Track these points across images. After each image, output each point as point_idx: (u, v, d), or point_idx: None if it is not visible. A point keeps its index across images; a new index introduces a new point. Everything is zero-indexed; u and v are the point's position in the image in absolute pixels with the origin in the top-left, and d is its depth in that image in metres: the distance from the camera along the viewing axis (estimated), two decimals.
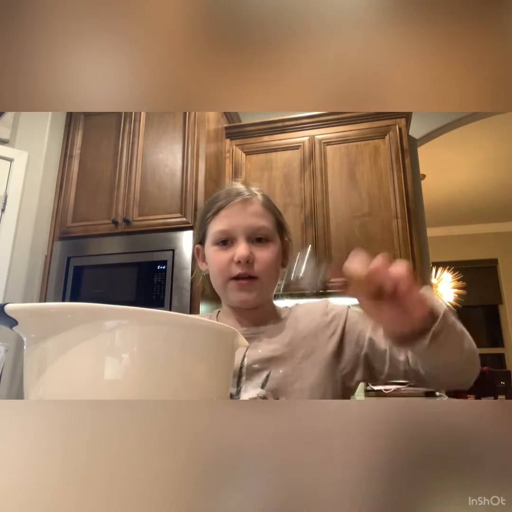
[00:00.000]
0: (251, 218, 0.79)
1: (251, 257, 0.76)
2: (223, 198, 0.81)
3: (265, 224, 0.80)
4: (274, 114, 2.60)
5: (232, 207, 0.79)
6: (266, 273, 0.78)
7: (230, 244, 0.78)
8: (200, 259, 0.88)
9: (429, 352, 0.56)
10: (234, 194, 0.81)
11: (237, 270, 0.76)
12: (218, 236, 0.79)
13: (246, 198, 0.80)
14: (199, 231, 0.86)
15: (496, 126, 3.45)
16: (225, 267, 0.77)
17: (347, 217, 2.31)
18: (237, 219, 0.78)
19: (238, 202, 0.79)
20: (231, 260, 0.77)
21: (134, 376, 0.33)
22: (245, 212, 0.79)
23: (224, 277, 0.78)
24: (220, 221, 0.79)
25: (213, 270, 0.80)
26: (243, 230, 0.78)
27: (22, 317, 0.34)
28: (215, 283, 0.82)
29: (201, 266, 0.87)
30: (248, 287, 0.77)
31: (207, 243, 0.82)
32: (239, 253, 0.75)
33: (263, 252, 0.78)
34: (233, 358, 0.43)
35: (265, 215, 0.81)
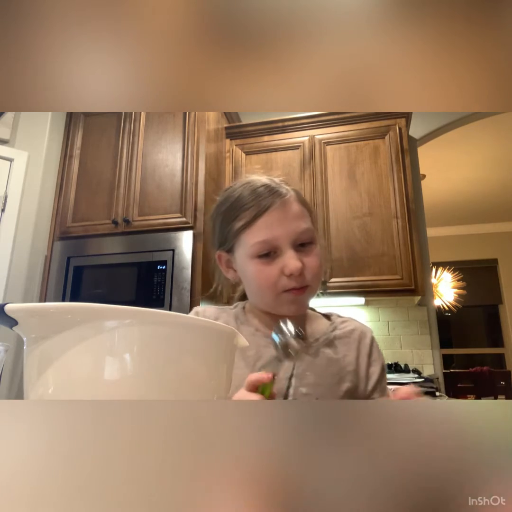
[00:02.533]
0: (293, 223, 0.70)
1: (303, 267, 0.68)
2: (253, 202, 0.71)
3: (307, 226, 0.72)
4: (274, 114, 2.60)
5: (271, 214, 0.69)
6: (317, 279, 0.72)
7: (274, 254, 0.70)
8: (224, 266, 0.79)
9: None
10: (266, 195, 0.71)
11: (290, 283, 0.69)
12: (259, 248, 0.69)
13: (284, 200, 0.71)
14: (221, 237, 0.76)
15: (496, 126, 3.45)
16: (274, 282, 0.69)
17: (347, 217, 2.31)
18: (279, 227, 0.69)
19: (277, 207, 0.70)
20: (281, 274, 0.69)
21: (134, 376, 0.33)
22: (285, 216, 0.70)
23: (274, 292, 0.70)
24: (258, 232, 0.69)
25: (257, 284, 0.72)
26: (287, 238, 0.69)
27: (22, 317, 0.34)
28: (261, 298, 0.75)
29: (227, 274, 0.79)
30: (301, 297, 0.71)
31: (240, 254, 0.73)
32: (292, 267, 0.67)
33: (310, 258, 0.71)
34: (233, 358, 0.43)
35: (304, 214, 0.73)
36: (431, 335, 2.43)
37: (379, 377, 0.76)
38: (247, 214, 0.71)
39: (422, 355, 2.42)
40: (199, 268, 2.06)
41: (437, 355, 2.42)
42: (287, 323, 0.55)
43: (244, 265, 0.73)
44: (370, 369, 0.76)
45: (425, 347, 2.43)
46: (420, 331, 2.45)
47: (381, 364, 0.78)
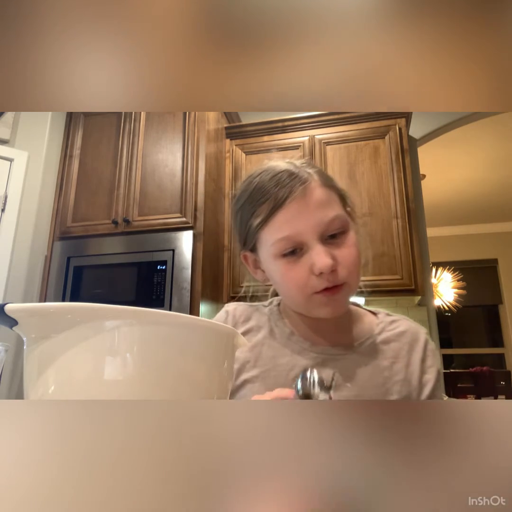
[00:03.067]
0: (317, 212, 0.60)
1: (334, 263, 0.59)
2: (269, 194, 0.61)
3: (336, 213, 0.61)
4: (274, 114, 2.60)
5: (290, 206, 0.60)
6: (355, 274, 0.62)
7: (300, 251, 0.61)
8: (252, 267, 0.70)
9: None
10: (283, 183, 0.61)
11: (321, 283, 0.60)
12: (280, 247, 0.61)
13: (306, 186, 0.61)
14: (241, 236, 0.68)
15: (496, 126, 3.45)
16: (304, 283, 0.61)
17: None
18: (301, 220, 0.60)
19: (297, 196, 0.60)
20: (310, 273, 0.60)
21: (134, 376, 0.33)
22: (307, 206, 0.60)
23: (305, 294, 0.62)
24: (278, 228, 0.61)
25: (285, 287, 0.64)
26: (312, 231, 0.60)
27: (22, 317, 0.34)
28: (291, 301, 0.67)
29: (256, 275, 0.71)
30: (337, 297, 0.62)
31: (263, 254, 0.65)
32: (320, 264, 0.58)
33: (344, 250, 0.61)
34: (233, 358, 0.43)
35: (331, 200, 0.63)
36: (431, 335, 2.42)
37: (434, 386, 0.67)
38: (263, 208, 0.62)
39: None
40: (199, 268, 2.06)
41: (437, 355, 2.42)
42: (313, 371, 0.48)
43: (268, 266, 0.65)
44: (424, 377, 0.67)
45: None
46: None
47: (436, 371, 0.68)
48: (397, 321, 0.73)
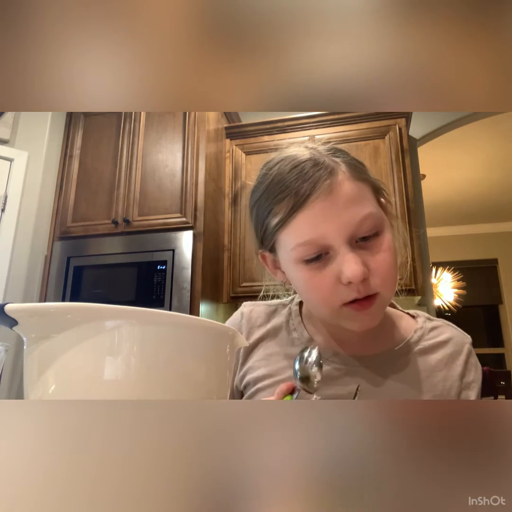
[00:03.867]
0: (346, 211, 0.51)
1: (366, 271, 0.51)
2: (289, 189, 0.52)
3: (368, 211, 0.52)
4: (274, 114, 2.60)
5: (314, 205, 0.51)
6: (388, 282, 0.55)
7: (325, 256, 0.52)
8: (271, 267, 0.62)
9: None
10: (306, 176, 0.51)
11: (350, 294, 0.52)
12: (303, 252, 0.52)
13: (333, 180, 0.51)
14: (258, 235, 0.59)
15: (496, 126, 3.45)
16: (330, 293, 0.52)
17: None
18: (327, 221, 0.51)
19: (322, 193, 0.50)
20: (337, 282, 0.52)
21: (134, 376, 0.33)
22: (335, 204, 0.51)
23: (331, 306, 0.54)
24: (298, 231, 0.52)
25: (309, 296, 0.56)
26: (340, 234, 0.51)
27: (22, 317, 0.34)
28: (316, 310, 0.59)
29: (276, 276, 0.62)
30: (369, 311, 0.53)
31: (282, 257, 0.57)
32: (349, 273, 0.50)
33: (378, 256, 0.53)
34: (233, 358, 0.43)
35: (363, 194, 0.53)
36: None
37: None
38: (282, 206, 0.53)
39: None
40: (199, 268, 2.06)
41: None
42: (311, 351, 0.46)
43: (289, 270, 0.57)
44: (464, 393, 0.59)
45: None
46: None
47: (478, 387, 0.60)
48: (439, 327, 0.65)
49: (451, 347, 0.62)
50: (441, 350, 0.62)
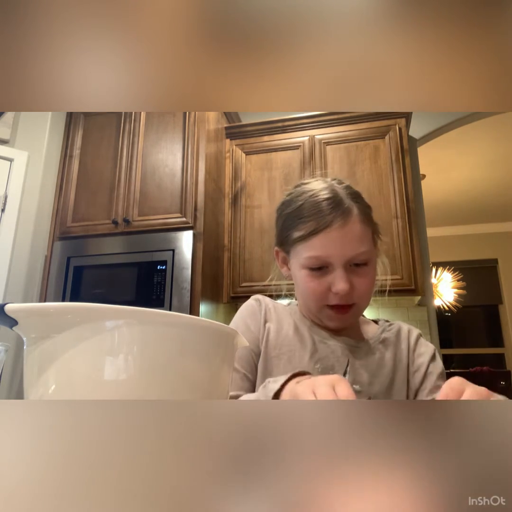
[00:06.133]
0: (351, 245, 0.69)
1: (350, 289, 0.69)
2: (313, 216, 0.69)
3: (365, 249, 0.70)
4: (274, 114, 2.60)
5: (329, 233, 0.68)
6: (365, 299, 0.73)
7: (325, 269, 0.70)
8: (280, 262, 0.80)
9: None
10: (327, 212, 0.69)
11: (334, 300, 0.70)
12: (311, 262, 0.70)
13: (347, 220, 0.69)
14: (280, 238, 0.78)
15: (496, 126, 3.45)
16: (320, 295, 0.71)
17: None
18: (335, 247, 0.68)
19: (337, 226, 0.68)
20: (328, 289, 0.70)
21: (134, 376, 0.33)
22: (344, 237, 0.69)
23: (319, 304, 0.73)
24: (314, 248, 0.69)
25: (304, 294, 0.75)
26: (341, 258, 0.69)
27: (22, 317, 0.34)
28: (305, 305, 0.79)
29: (282, 270, 0.81)
30: (345, 316, 0.73)
31: (294, 260, 0.74)
32: (339, 287, 0.68)
33: (362, 279, 0.71)
34: (233, 358, 0.43)
35: (365, 236, 0.71)
36: (431, 335, 2.43)
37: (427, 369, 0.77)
38: (306, 227, 0.70)
39: None
40: (199, 268, 2.06)
41: None
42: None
43: (296, 271, 0.75)
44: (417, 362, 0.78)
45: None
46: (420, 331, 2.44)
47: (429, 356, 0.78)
48: (394, 324, 0.85)
49: (405, 332, 0.83)
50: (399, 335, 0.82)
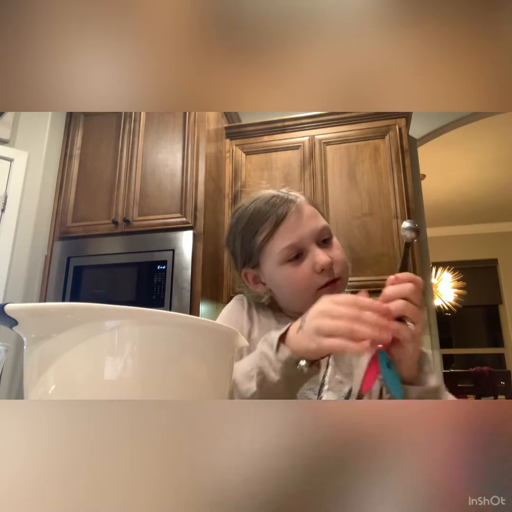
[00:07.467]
0: (311, 222, 0.75)
1: (331, 260, 0.72)
2: (269, 212, 0.75)
3: (324, 223, 0.76)
4: (274, 114, 2.60)
5: (290, 219, 0.74)
6: (346, 271, 0.76)
7: (301, 256, 0.74)
8: (252, 283, 0.82)
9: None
10: (279, 203, 0.76)
11: (324, 278, 0.72)
12: (286, 254, 0.73)
13: (297, 204, 0.76)
14: (244, 256, 0.80)
15: (496, 126, 3.45)
16: (308, 281, 0.73)
17: (347, 217, 2.31)
18: (300, 229, 0.74)
19: (293, 211, 0.74)
20: (313, 271, 0.72)
21: (134, 376, 0.33)
22: (303, 218, 0.75)
23: (311, 291, 0.73)
24: (282, 238, 0.74)
25: (292, 288, 0.75)
26: (310, 237, 0.74)
27: (22, 317, 0.34)
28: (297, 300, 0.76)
29: (256, 289, 0.82)
30: (337, 290, 0.74)
31: (268, 265, 0.76)
32: (322, 261, 0.71)
33: (335, 251, 0.75)
34: (233, 358, 0.43)
35: (317, 213, 0.78)
36: (431, 335, 2.43)
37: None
38: (267, 225, 0.74)
39: None
40: (199, 268, 2.06)
41: (437, 355, 2.42)
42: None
43: (274, 274, 0.76)
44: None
45: (425, 347, 2.42)
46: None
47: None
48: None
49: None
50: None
